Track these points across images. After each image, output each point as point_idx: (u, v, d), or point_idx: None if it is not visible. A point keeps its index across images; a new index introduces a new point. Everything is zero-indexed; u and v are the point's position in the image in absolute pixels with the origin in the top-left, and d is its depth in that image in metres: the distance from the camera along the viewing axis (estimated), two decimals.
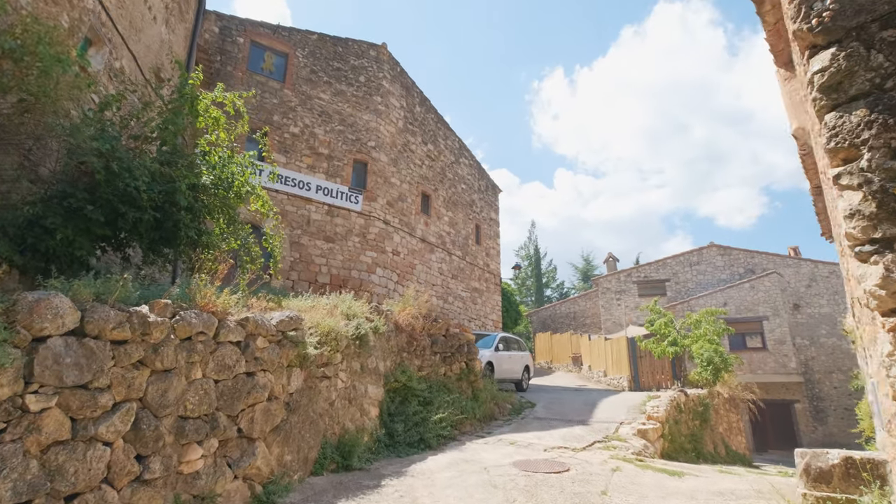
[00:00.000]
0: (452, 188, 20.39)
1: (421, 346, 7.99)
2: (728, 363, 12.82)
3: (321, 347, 5.21)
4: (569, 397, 12.81)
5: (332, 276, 14.25)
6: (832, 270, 22.34)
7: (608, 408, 10.41)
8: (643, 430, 7.82)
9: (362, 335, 6.11)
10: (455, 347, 8.85)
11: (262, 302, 5.67)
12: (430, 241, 18.06)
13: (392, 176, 16.55)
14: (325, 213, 14.59)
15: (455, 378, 8.59)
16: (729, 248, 23.96)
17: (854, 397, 20.71)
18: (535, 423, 8.65)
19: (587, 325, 28.12)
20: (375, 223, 15.45)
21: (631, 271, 25.21)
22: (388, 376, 6.94)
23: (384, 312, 7.29)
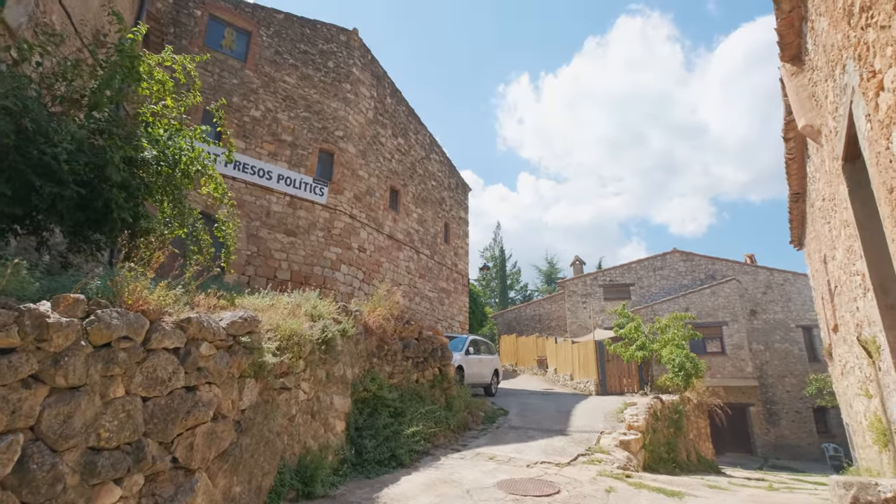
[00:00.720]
0: (422, 184, 19.71)
1: (392, 351, 7.28)
2: (699, 368, 12.77)
3: (281, 354, 4.44)
4: (540, 403, 12.39)
5: (293, 273, 13.28)
6: (786, 278, 23.10)
7: (583, 415, 10.01)
8: (625, 442, 7.42)
9: (329, 339, 5.36)
10: (428, 352, 8.19)
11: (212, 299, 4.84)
12: (397, 238, 17.31)
13: (360, 168, 15.71)
14: (286, 204, 13.60)
15: (428, 385, 7.93)
16: (691, 254, 24.42)
17: (806, 402, 21.44)
18: (511, 433, 8.11)
19: (552, 327, 28.04)
20: (341, 217, 14.57)
21: (597, 275, 25.29)
22: (356, 385, 6.20)
23: (353, 313, 6.54)
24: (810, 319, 22.39)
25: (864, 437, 6.50)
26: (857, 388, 6.11)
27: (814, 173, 6.81)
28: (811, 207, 7.97)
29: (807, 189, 8.28)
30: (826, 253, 6.84)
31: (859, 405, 6.34)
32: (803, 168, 8.03)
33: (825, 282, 7.80)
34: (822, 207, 6.27)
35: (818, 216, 7.09)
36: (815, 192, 7.13)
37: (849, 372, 6.61)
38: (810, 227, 8.81)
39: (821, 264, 8.10)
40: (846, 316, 5.69)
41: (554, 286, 47.71)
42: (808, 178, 7.60)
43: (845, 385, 7.35)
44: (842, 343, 6.82)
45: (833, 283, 6.45)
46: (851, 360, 6.08)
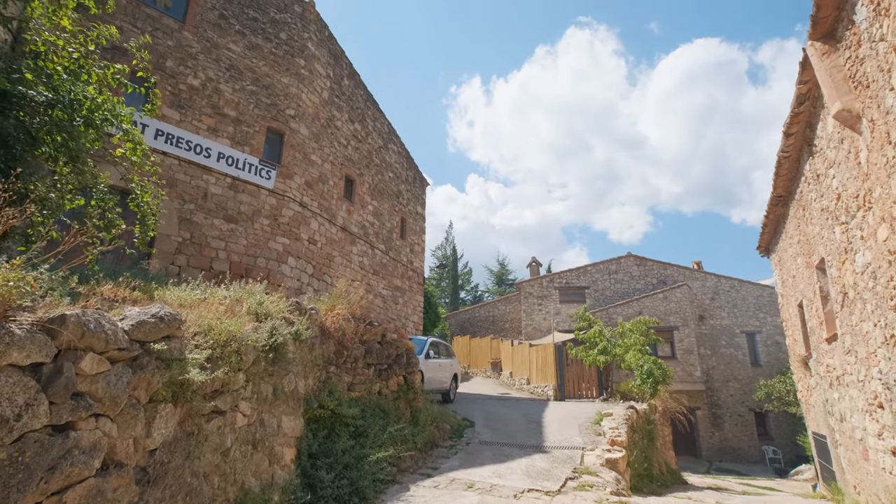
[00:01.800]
0: (379, 175, 18.48)
1: (352, 357, 6.14)
2: (667, 375, 12.47)
3: (213, 366, 3.24)
4: (504, 411, 11.58)
5: (233, 264, 11.72)
6: (732, 285, 23.82)
7: (555, 425, 9.27)
8: (611, 461, 6.69)
9: (279, 345, 4.18)
10: (392, 358, 7.11)
11: (121, 290, 3.56)
12: (351, 230, 16.00)
13: (313, 153, 14.29)
14: (227, 186, 12.00)
15: (392, 397, 6.84)
16: (644, 258, 24.68)
17: (748, 406, 22.09)
18: (484, 450, 7.17)
19: (506, 329, 27.56)
20: (290, 205, 13.11)
21: (553, 277, 25.03)
22: (310, 400, 5.03)
23: (308, 312, 5.36)
24: (754, 326, 23.18)
25: (862, 454, 6.10)
26: (863, 402, 5.67)
27: (818, 171, 6.37)
28: (802, 210, 7.61)
29: (795, 191, 7.95)
30: (828, 258, 6.42)
31: (861, 420, 5.93)
32: (794, 168, 7.66)
33: (815, 289, 7.45)
34: (835, 208, 5.79)
35: (818, 218, 6.68)
36: (814, 192, 6.71)
37: (849, 385, 6.21)
38: (793, 231, 8.52)
39: (808, 270, 7.77)
40: (864, 326, 5.21)
41: (505, 287, 47.62)
42: (803, 178, 7.21)
43: (835, 397, 7.01)
44: (840, 353, 6.43)
45: (840, 290, 6.01)
46: (860, 373, 5.64)
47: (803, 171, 7.19)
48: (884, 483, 5.37)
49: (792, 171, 7.77)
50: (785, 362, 22.17)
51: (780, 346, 22.77)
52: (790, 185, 8.21)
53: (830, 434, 7.83)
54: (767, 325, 23.03)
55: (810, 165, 6.72)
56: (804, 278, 8.11)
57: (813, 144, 6.37)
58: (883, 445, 5.23)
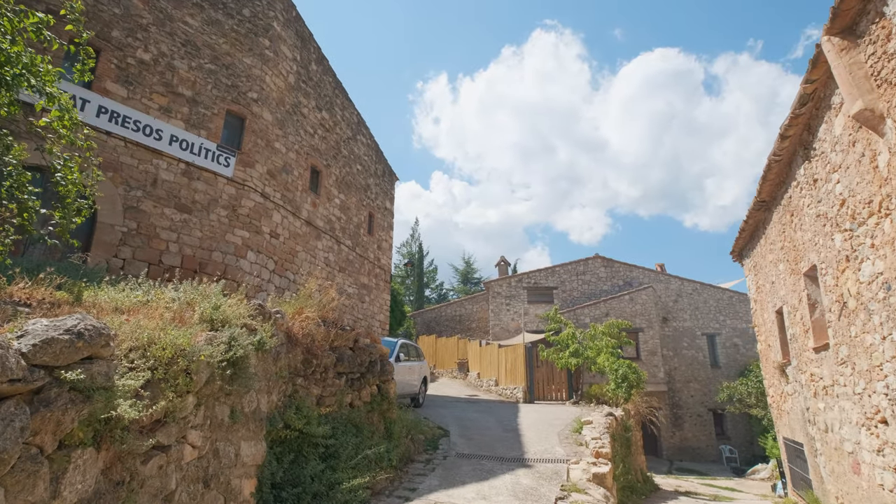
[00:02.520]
0: (347, 167, 17.62)
1: (322, 367, 5.46)
2: (641, 380, 12.33)
3: (154, 393, 2.53)
4: (477, 417, 11.10)
5: (185, 258, 10.69)
6: (695, 288, 24.34)
7: (533, 433, 8.85)
8: (599, 476, 6.29)
9: (238, 359, 3.49)
10: (366, 366, 6.46)
11: (39, 291, 2.81)
12: (317, 225, 15.11)
13: (277, 140, 13.33)
14: (180, 173, 10.94)
15: (365, 410, 6.20)
16: (612, 260, 24.86)
17: (707, 406, 22.60)
18: (463, 465, 6.63)
19: (473, 329, 27.20)
20: (251, 195, 12.15)
21: (522, 277, 24.83)
22: (274, 419, 4.34)
23: (272, 317, 4.65)
24: (714, 328, 23.75)
25: (852, 467, 5.95)
26: (859, 416, 5.49)
27: (816, 176, 6.17)
28: (789, 216, 7.46)
29: (781, 196, 7.81)
30: (822, 266, 6.23)
31: (853, 434, 5.76)
32: (784, 173, 7.51)
33: (801, 296, 7.31)
34: (836, 214, 5.57)
35: (811, 224, 6.50)
36: (808, 197, 6.53)
37: (839, 396, 6.05)
38: (776, 237, 8.42)
39: (793, 277, 7.65)
40: (868, 338, 5.00)
41: (471, 286, 47.38)
42: (794, 183, 7.04)
43: (820, 407, 6.89)
44: (831, 363, 6.27)
45: (836, 299, 5.81)
46: (857, 386, 5.45)
47: (795, 175, 7.02)
48: (881, 500, 5.19)
49: (781, 176, 7.61)
50: (742, 364, 22.84)
51: (738, 348, 23.45)
52: (776, 190, 8.08)
53: (809, 442, 7.75)
54: (726, 328, 23.66)
55: (805, 170, 6.53)
56: (787, 285, 8.01)
57: (812, 148, 6.17)
58: (883, 462, 5.03)
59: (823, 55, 5.04)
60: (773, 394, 10.23)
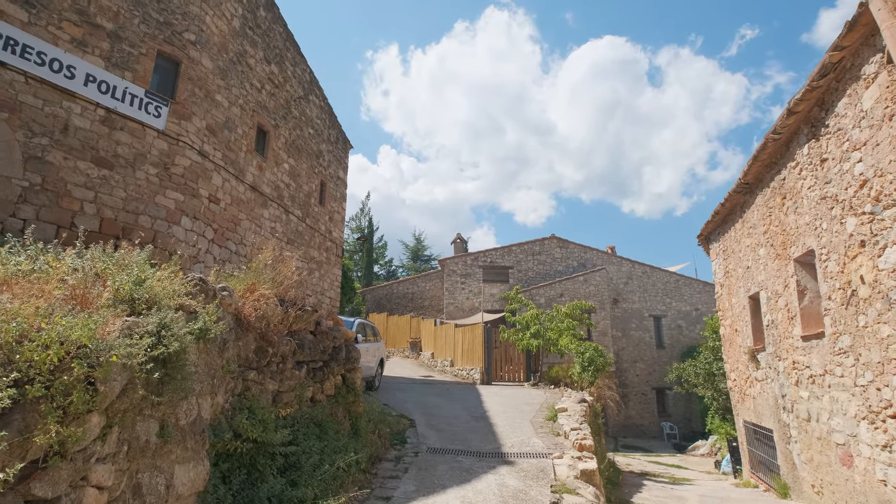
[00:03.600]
0: (298, 130, 16.05)
1: (280, 356, 4.48)
2: (608, 363, 12.12)
3: (22, 425, 1.52)
4: (439, 402, 10.44)
5: (105, 221, 9.07)
6: (644, 271, 24.86)
7: (505, 422, 8.29)
8: (587, 472, 5.78)
9: (172, 355, 2.47)
10: (329, 353, 5.51)
11: None
12: (263, 191, 13.62)
13: (218, 92, 11.69)
14: (98, 120, 9.20)
15: (328, 404, 5.28)
16: (567, 241, 24.84)
17: (650, 384, 23.37)
18: (439, 464, 5.90)
19: (425, 307, 26.51)
20: (187, 153, 10.56)
21: (478, 255, 24.29)
22: (221, 428, 3.35)
23: (218, 295, 3.61)
24: (660, 310, 24.44)
25: (840, 458, 5.78)
26: (859, 408, 5.25)
27: (825, 155, 5.79)
28: (780, 199, 7.16)
29: (770, 178, 7.50)
30: (822, 251, 5.92)
31: (849, 426, 5.55)
32: (778, 154, 7.16)
33: (788, 282, 7.07)
34: (852, 196, 5.19)
35: (811, 207, 6.16)
36: (811, 178, 6.17)
37: (832, 387, 5.83)
38: (757, 220, 8.17)
39: (778, 262, 7.41)
40: (883, 329, 4.67)
41: (421, 263, 46.63)
42: (793, 164, 6.68)
43: (803, 396, 6.73)
44: (825, 353, 6.03)
45: (841, 286, 5.50)
46: (860, 377, 5.19)
47: (793, 155, 6.67)
48: (880, 496, 4.98)
49: (774, 157, 7.28)
50: (685, 345, 23.72)
51: (682, 329, 24.31)
52: (764, 172, 7.77)
53: (781, 429, 7.69)
54: (672, 310, 24.43)
55: (810, 149, 6.16)
56: (768, 270, 7.80)
57: (824, 125, 5.76)
58: (889, 458, 4.79)
59: (864, 17, 4.52)
60: (735, 378, 10.27)
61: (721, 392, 15.88)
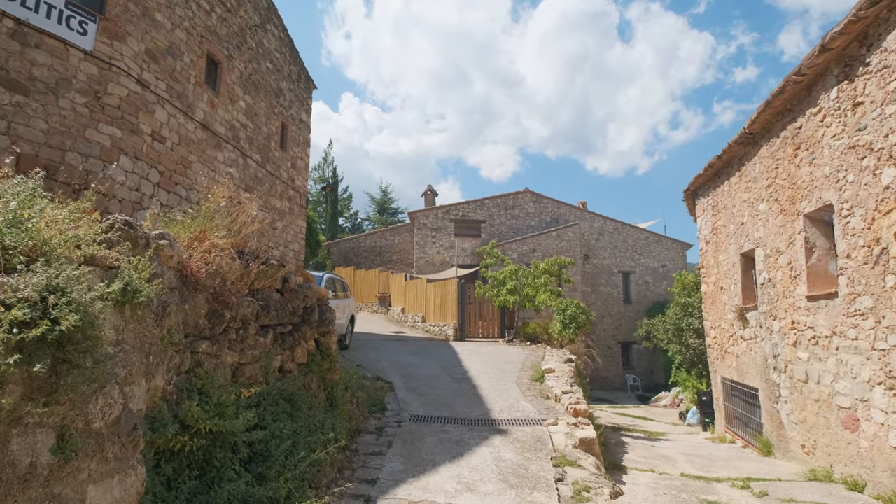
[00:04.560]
0: (255, 63, 14.34)
1: (240, 321, 3.64)
2: (589, 320, 11.83)
3: None
4: (415, 361, 9.88)
5: (23, 158, 7.64)
6: (615, 227, 24.77)
7: (489, 384, 7.81)
8: (587, 441, 5.35)
9: (67, 334, 1.59)
10: (300, 314, 4.70)
11: None
12: (216, 130, 12.14)
13: (158, 10, 9.98)
14: (6, 33, 7.58)
15: (299, 374, 4.52)
16: (541, 195, 24.28)
17: (616, 338, 23.81)
18: (426, 435, 5.31)
19: (394, 261, 25.70)
20: (123, 80, 9.03)
21: (449, 208, 23.43)
22: (161, 418, 2.53)
23: (152, 243, 2.69)
24: (629, 267, 24.60)
25: (842, 422, 5.56)
26: (875, 373, 4.94)
27: (859, 98, 5.20)
28: (793, 150, 6.62)
29: (781, 127, 6.94)
30: (844, 205, 5.44)
31: (858, 390, 5.28)
32: (796, 99, 6.55)
33: (793, 239, 6.66)
34: (889, 145, 4.64)
35: (834, 158, 5.64)
36: (836, 125, 5.61)
37: (840, 349, 5.53)
38: (758, 173, 7.68)
39: (783, 217, 6.97)
40: None
41: (388, 216, 45.42)
42: (816, 109, 6.09)
43: (801, 357, 6.49)
44: (836, 314, 5.70)
45: (865, 244, 5.06)
46: (880, 340, 4.85)
47: (816, 100, 6.07)
48: (890, 461, 4.75)
49: (790, 103, 6.67)
50: (651, 300, 24.11)
51: (649, 285, 24.64)
52: (774, 120, 7.19)
53: (770, 388, 7.54)
54: (640, 267, 24.63)
55: (840, 92, 5.56)
56: (770, 226, 7.39)
57: (863, 63, 5.13)
58: None
59: None
60: (716, 336, 10.15)
61: (690, 347, 16.14)
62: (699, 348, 15.71)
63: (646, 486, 5.29)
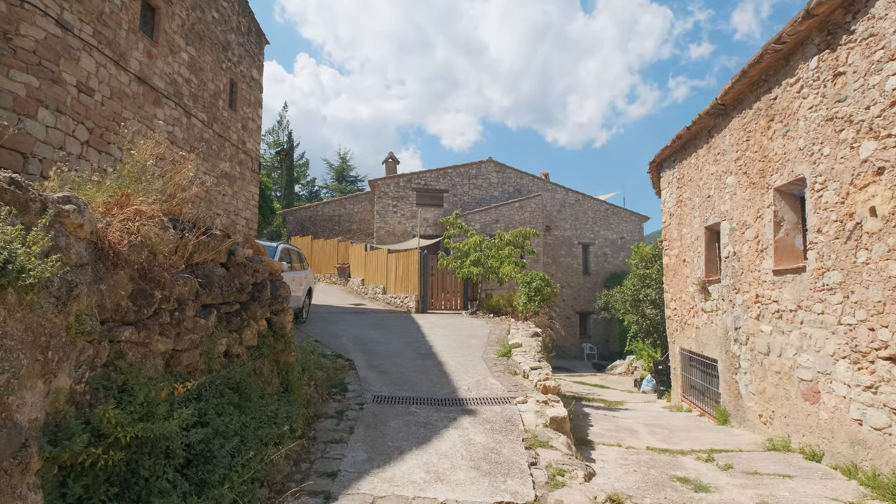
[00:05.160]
0: (199, 12, 12.98)
1: (175, 301, 3.11)
2: (554, 293, 11.74)
3: None
4: (375, 335, 9.50)
5: None
6: (577, 199, 24.91)
7: (454, 359, 7.56)
8: (557, 420, 5.18)
9: None
10: (248, 291, 4.17)
11: None
12: (155, 84, 10.96)
13: None
14: None
15: (249, 359, 4.03)
16: (504, 165, 23.95)
17: (575, 309, 24.27)
18: (391, 418, 4.98)
19: (353, 231, 24.93)
20: (38, 20, 7.85)
21: (411, 177, 22.75)
22: (66, 428, 2.03)
23: (51, 207, 2.12)
24: (589, 238, 24.91)
25: (803, 394, 5.66)
26: (840, 347, 4.98)
27: (840, 69, 5.05)
28: (766, 122, 6.50)
29: (754, 98, 6.80)
30: (818, 179, 5.37)
31: (820, 363, 5.34)
32: (772, 69, 6.38)
33: (762, 212, 6.63)
34: (875, 117, 4.52)
35: (809, 130, 5.53)
36: (813, 97, 5.47)
37: (805, 323, 5.56)
38: (728, 146, 7.59)
39: (752, 190, 6.92)
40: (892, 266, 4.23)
41: (346, 184, 44.04)
42: (793, 80, 5.94)
43: (764, 330, 6.56)
44: (802, 288, 5.71)
45: (838, 219, 5.00)
46: (848, 315, 4.86)
47: (794, 71, 5.91)
48: (850, 433, 4.85)
49: (767, 72, 6.51)
50: (608, 272, 24.62)
51: (607, 257, 25.11)
52: (748, 91, 7.05)
53: (729, 360, 7.68)
54: (600, 238, 25.00)
55: (820, 61, 5.40)
56: (739, 200, 7.35)
57: (848, 31, 4.96)
58: (872, 399, 4.58)
59: None
60: (676, 307, 10.30)
61: (646, 317, 16.56)
62: (655, 318, 16.15)
63: (615, 462, 5.22)
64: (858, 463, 4.74)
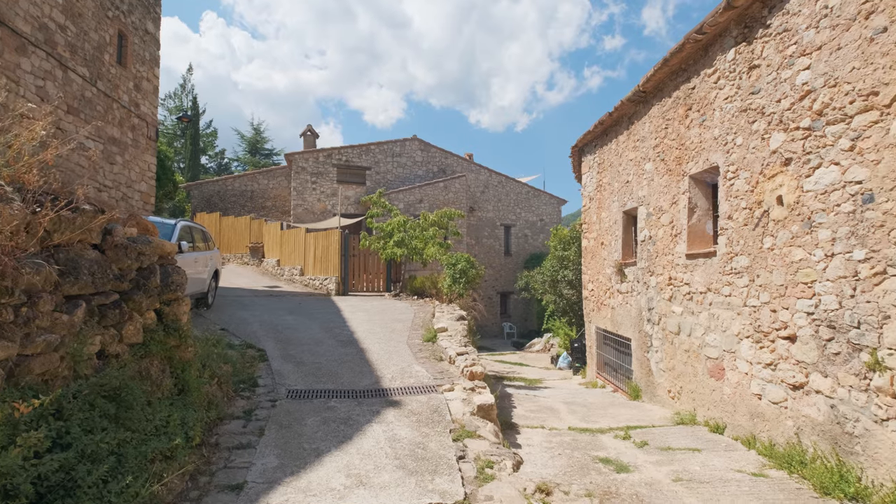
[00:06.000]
0: None
1: (21, 293, 2.44)
2: (479, 275, 11.66)
3: None
4: (292, 321, 8.86)
5: None
6: (500, 181, 25.20)
7: (377, 345, 7.19)
8: (484, 407, 5.04)
9: None
10: (131, 278, 3.50)
11: None
12: (18, 27, 9.17)
13: None
14: None
15: (133, 359, 3.39)
16: (429, 144, 23.52)
17: (496, 289, 24.76)
18: (307, 415, 4.54)
19: (268, 208, 23.33)
20: None
21: (332, 152, 21.59)
22: None
23: None
24: (511, 220, 25.40)
25: (709, 371, 6.02)
26: (744, 327, 5.31)
27: (755, 62, 5.25)
28: (684, 110, 6.73)
29: (673, 87, 7.01)
30: (730, 168, 5.62)
31: (726, 342, 5.69)
32: (692, 59, 6.58)
33: (677, 198, 6.91)
34: (786, 109, 4.75)
35: (724, 120, 5.76)
36: (728, 88, 5.69)
37: (714, 304, 5.89)
38: (647, 133, 7.83)
39: (668, 177, 7.19)
40: (796, 252, 4.50)
41: (261, 158, 41.25)
42: (710, 71, 6.15)
43: (675, 310, 6.90)
44: (712, 272, 6.02)
45: (747, 206, 5.27)
46: (752, 297, 5.17)
47: (712, 62, 6.12)
48: (750, 407, 5.21)
49: (687, 62, 6.70)
50: (528, 252, 25.35)
51: (527, 238, 25.81)
52: (668, 79, 7.25)
53: (642, 339, 8.07)
54: (521, 220, 25.60)
55: (737, 53, 5.60)
56: (656, 186, 7.63)
57: (764, 25, 5.14)
58: (771, 375, 4.92)
59: None
60: (593, 288, 10.70)
61: (563, 297, 17.23)
62: (572, 298, 16.84)
63: (540, 446, 5.21)
64: (757, 434, 5.11)
